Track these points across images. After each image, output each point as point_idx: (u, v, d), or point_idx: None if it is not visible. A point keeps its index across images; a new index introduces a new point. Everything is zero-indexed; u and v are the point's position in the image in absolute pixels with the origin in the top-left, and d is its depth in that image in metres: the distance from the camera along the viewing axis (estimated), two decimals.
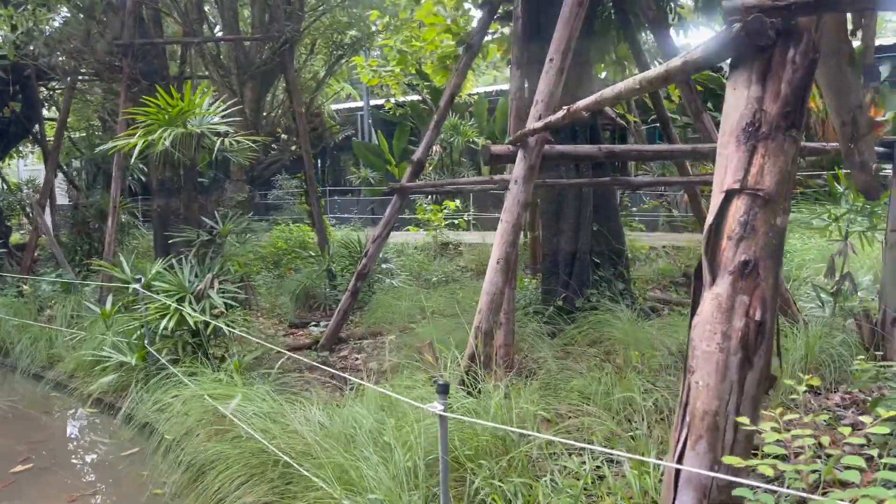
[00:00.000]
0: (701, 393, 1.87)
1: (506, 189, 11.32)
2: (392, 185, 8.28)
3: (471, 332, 4.38)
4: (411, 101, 22.74)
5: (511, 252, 4.34)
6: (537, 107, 4.22)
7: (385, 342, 8.45)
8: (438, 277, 11.83)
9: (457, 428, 3.66)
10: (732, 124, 1.89)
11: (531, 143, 4.27)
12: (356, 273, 8.38)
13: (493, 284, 4.28)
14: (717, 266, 1.90)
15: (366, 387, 5.22)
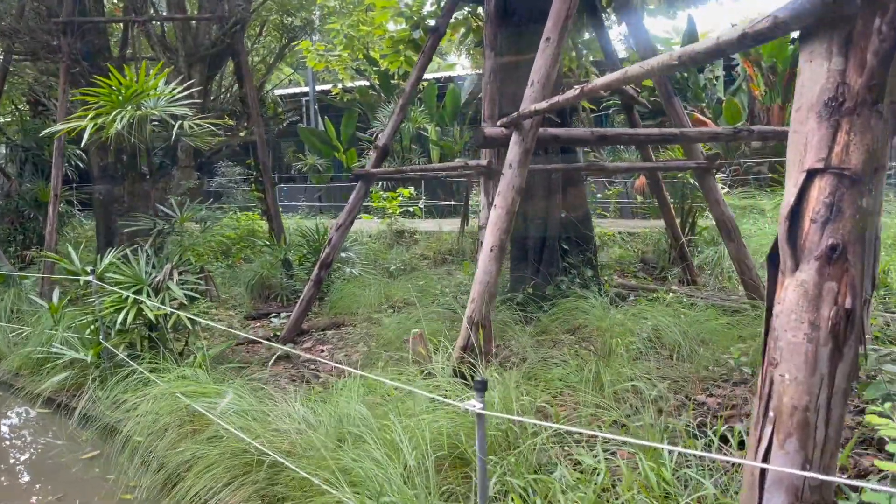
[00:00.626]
0: (788, 387, 1.76)
1: (467, 175, 11.16)
2: (357, 171, 8.04)
3: (464, 323, 4.22)
4: (359, 86, 22.35)
5: (505, 239, 4.19)
6: (533, 87, 4.08)
7: (349, 333, 8.24)
8: (397, 266, 11.63)
9: (463, 422, 3.51)
10: (811, 99, 1.78)
11: (526, 126, 4.13)
12: (319, 262, 8.12)
13: (486, 273, 4.13)
14: (801, 251, 1.79)
15: (347, 379, 5.03)
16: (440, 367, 4.33)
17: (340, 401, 4.43)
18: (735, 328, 6.15)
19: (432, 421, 3.59)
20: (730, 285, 9.47)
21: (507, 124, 4.22)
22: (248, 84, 10.72)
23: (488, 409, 3.56)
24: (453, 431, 3.47)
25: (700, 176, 6.69)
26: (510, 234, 4.22)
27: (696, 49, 2.18)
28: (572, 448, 3.69)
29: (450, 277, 10.48)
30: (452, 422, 3.53)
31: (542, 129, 4.15)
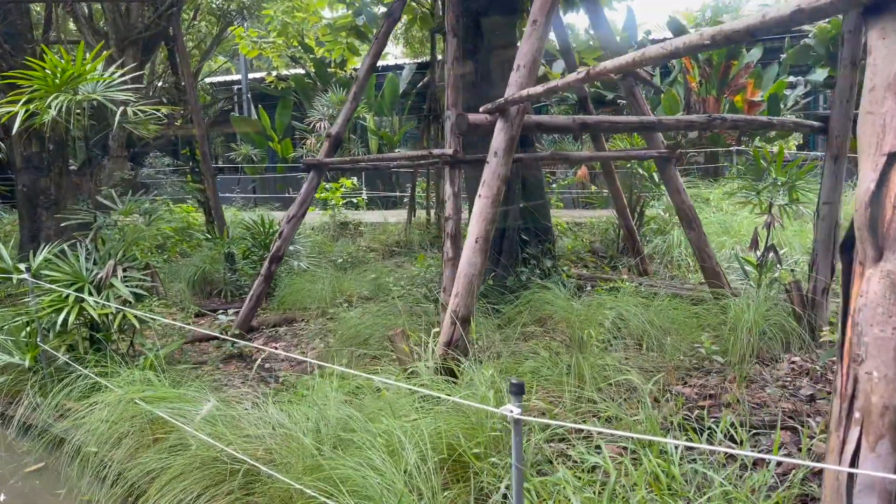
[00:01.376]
0: (877, 385, 1.67)
1: (421, 166, 10.94)
2: (309, 161, 7.73)
3: (445, 318, 4.04)
4: (295, 74, 21.77)
5: (490, 230, 4.04)
6: (520, 72, 3.92)
7: (303, 329, 7.95)
8: (344, 259, 11.34)
9: (460, 423, 3.34)
10: (887, 78, 1.69)
11: (513, 112, 3.97)
12: (269, 256, 7.79)
13: (471, 265, 3.96)
14: (884, 239, 1.69)
15: (310, 377, 4.78)
16: (422, 364, 4.14)
17: (316, 402, 4.20)
18: (699, 317, 6.17)
19: (429, 423, 3.40)
20: (679, 274, 9.60)
21: (492, 110, 4.06)
22: (186, 69, 10.20)
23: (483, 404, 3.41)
24: (448, 432, 3.30)
25: (661, 165, 6.69)
26: (495, 225, 4.06)
27: (735, 27, 2.06)
28: (571, 446, 3.57)
29: (400, 270, 10.28)
30: (446, 423, 3.36)
31: (527, 115, 4.01)
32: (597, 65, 2.95)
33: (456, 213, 6.06)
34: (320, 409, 4.01)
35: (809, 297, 5.93)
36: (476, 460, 3.16)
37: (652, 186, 10.58)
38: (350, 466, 3.07)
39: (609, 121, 4.68)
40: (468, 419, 3.47)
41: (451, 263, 6.00)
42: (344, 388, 4.50)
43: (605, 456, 3.12)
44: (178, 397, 4.45)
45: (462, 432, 3.24)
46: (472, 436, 3.24)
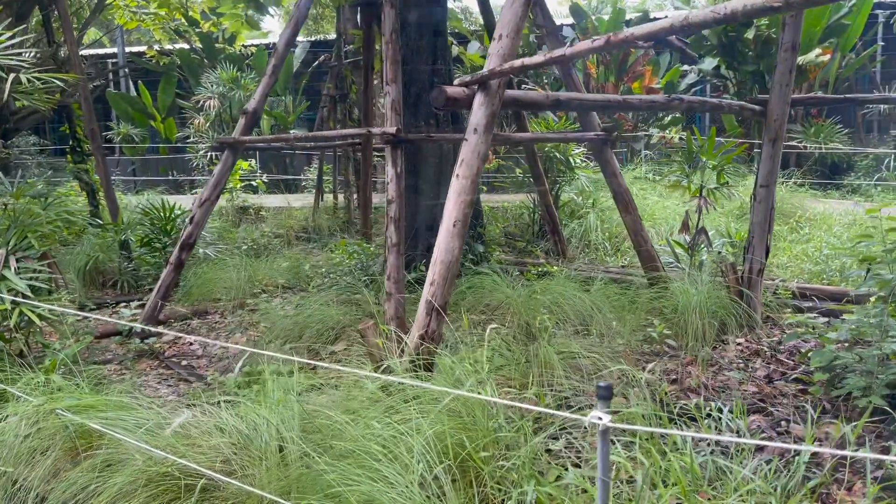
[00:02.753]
0: None
1: (351, 145, 10.43)
2: (223, 139, 7.14)
3: (420, 308, 3.72)
4: (180, 49, 20.43)
5: (469, 213, 3.74)
6: (501, 42, 3.62)
7: (219, 323, 7.35)
8: (249, 246, 10.68)
9: (456, 423, 3.04)
10: None
11: (493, 86, 3.68)
12: (180, 242, 7.14)
13: (448, 252, 3.66)
14: None
15: (233, 376, 4.33)
16: (397, 359, 3.80)
17: (276, 402, 3.77)
18: (641, 301, 6.15)
19: (421, 423, 3.09)
20: (597, 257, 9.67)
21: (470, 83, 3.75)
22: (69, 36, 9.19)
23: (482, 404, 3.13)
24: (452, 434, 3.00)
25: (597, 148, 6.62)
26: (473, 207, 3.78)
27: None
28: (572, 444, 3.36)
29: (313, 257, 9.78)
30: (443, 423, 3.06)
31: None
32: (620, 31, 2.72)
33: (399, 196, 5.72)
34: (283, 411, 3.60)
35: (746, 278, 6.04)
36: (483, 464, 2.88)
37: (566, 171, 10.60)
38: (351, 478, 2.70)
39: (578, 98, 4.50)
40: (462, 419, 3.19)
41: (395, 249, 5.67)
42: (299, 387, 4.10)
43: (634, 455, 2.93)
44: (107, 405, 3.89)
45: (465, 434, 2.95)
46: (472, 437, 2.96)
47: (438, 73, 7.09)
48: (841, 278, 7.23)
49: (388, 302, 5.53)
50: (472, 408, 3.24)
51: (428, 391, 3.51)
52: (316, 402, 3.73)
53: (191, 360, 6.45)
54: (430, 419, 2.95)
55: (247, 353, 6.21)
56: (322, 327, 6.09)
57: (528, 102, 3.87)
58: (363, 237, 9.70)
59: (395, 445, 2.90)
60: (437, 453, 2.78)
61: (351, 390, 3.87)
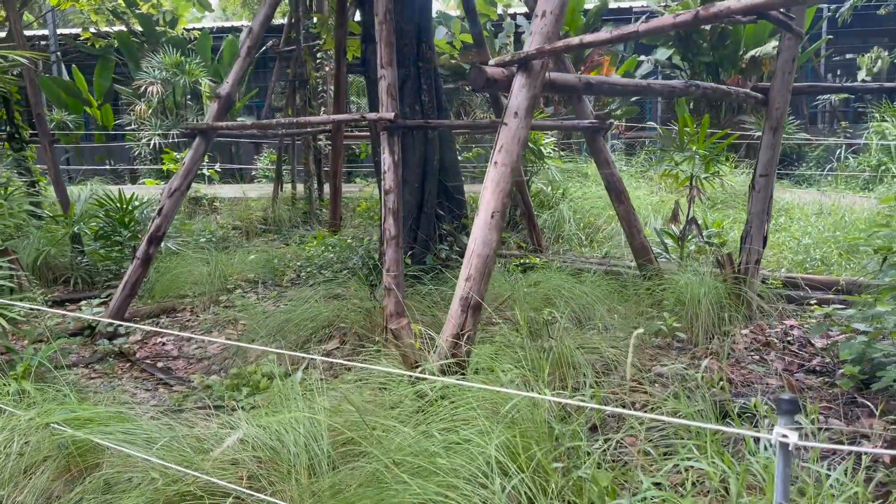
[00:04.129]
0: None
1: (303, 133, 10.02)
2: (195, 125, 6.67)
3: (454, 305, 3.46)
4: (118, 31, 19.42)
5: (507, 203, 3.50)
6: (544, 19, 3.37)
7: (190, 321, 6.90)
8: (207, 239, 10.16)
9: (517, 432, 2.80)
10: None
11: (536, 67, 3.42)
12: (148, 236, 6.65)
13: (486, 244, 3.40)
14: None
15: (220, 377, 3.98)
16: (431, 361, 3.53)
17: (290, 409, 3.45)
18: (642, 292, 6.03)
19: (478, 431, 2.84)
20: (571, 248, 9.56)
21: (509, 63, 3.49)
22: (13, 13, 8.50)
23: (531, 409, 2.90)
24: (510, 441, 2.77)
25: (590, 136, 6.46)
26: (511, 197, 3.53)
27: None
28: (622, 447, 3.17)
29: (280, 250, 9.34)
30: (502, 431, 2.82)
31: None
32: (712, 4, 2.52)
33: (397, 185, 5.42)
34: (307, 418, 3.30)
35: (743, 268, 5.98)
36: (553, 475, 2.66)
37: (536, 160, 10.44)
38: (420, 494, 2.43)
39: (608, 82, 4.30)
40: (518, 425, 2.95)
41: (394, 242, 5.37)
42: (307, 390, 3.78)
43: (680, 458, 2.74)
44: (111, 417, 3.51)
45: (535, 441, 2.72)
46: (542, 441, 2.73)
47: (424, 58, 6.80)
48: (823, 266, 7.28)
49: (388, 297, 5.23)
50: (525, 411, 3.02)
51: (465, 394, 3.26)
52: (343, 409, 3.43)
53: (166, 361, 6.02)
54: (481, 426, 2.70)
55: (230, 352, 5.86)
56: (313, 325, 5.75)
57: (563, 86, 3.65)
58: (332, 229, 9.32)
59: (456, 456, 2.65)
60: (508, 463, 2.55)
61: (379, 394, 3.59)
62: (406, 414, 3.16)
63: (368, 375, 3.94)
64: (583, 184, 11.34)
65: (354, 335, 5.65)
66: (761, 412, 3.20)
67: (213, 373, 5.63)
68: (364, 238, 7.74)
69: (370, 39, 6.97)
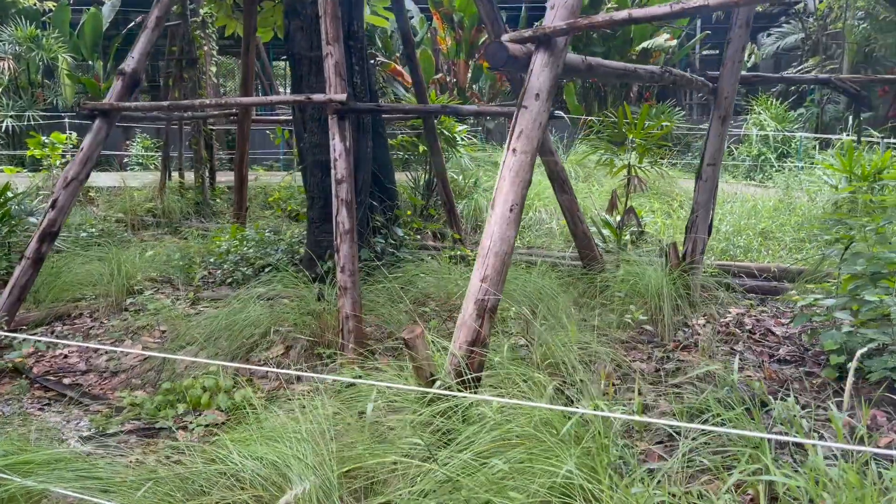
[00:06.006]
0: None
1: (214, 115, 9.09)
2: (95, 105, 5.82)
3: (467, 309, 3.09)
4: None
5: (526, 194, 3.15)
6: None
7: (95, 329, 6.06)
8: (89, 233, 9.11)
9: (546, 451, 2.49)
10: None
11: (559, 44, 3.08)
12: (40, 232, 5.76)
13: (504, 241, 3.04)
14: None
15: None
16: (443, 373, 3.12)
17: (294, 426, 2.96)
18: (597, 284, 5.88)
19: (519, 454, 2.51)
20: None
21: (528, 40, 3.12)
22: None
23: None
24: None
25: None
26: (528, 188, 3.16)
27: None
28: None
29: (177, 245, 8.48)
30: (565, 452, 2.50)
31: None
32: None
33: (349, 174, 4.97)
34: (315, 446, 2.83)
35: (689, 258, 5.98)
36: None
37: (448, 148, 10.15)
38: None
39: (604, 65, 4.04)
40: (544, 442, 2.64)
41: (349, 237, 4.92)
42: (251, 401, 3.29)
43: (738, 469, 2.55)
44: (50, 457, 2.86)
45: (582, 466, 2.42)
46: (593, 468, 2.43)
47: (355, 36, 6.30)
48: (746, 253, 7.48)
49: (344, 297, 4.77)
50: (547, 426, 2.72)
51: (483, 409, 2.91)
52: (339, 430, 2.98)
53: (73, 376, 5.22)
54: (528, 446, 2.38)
55: (150, 363, 5.14)
56: (249, 330, 5.15)
57: (567, 66, 3.35)
58: (238, 221, 8.57)
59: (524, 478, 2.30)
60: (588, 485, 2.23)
61: (379, 412, 3.15)
62: (427, 434, 2.77)
63: (354, 391, 3.50)
64: (494, 173, 11.16)
65: (298, 340, 5.12)
66: (795, 412, 3.07)
67: (135, 388, 4.93)
68: (288, 231, 7.13)
69: (294, 14, 6.40)
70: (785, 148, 14.04)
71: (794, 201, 9.35)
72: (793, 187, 10.18)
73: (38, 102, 16.57)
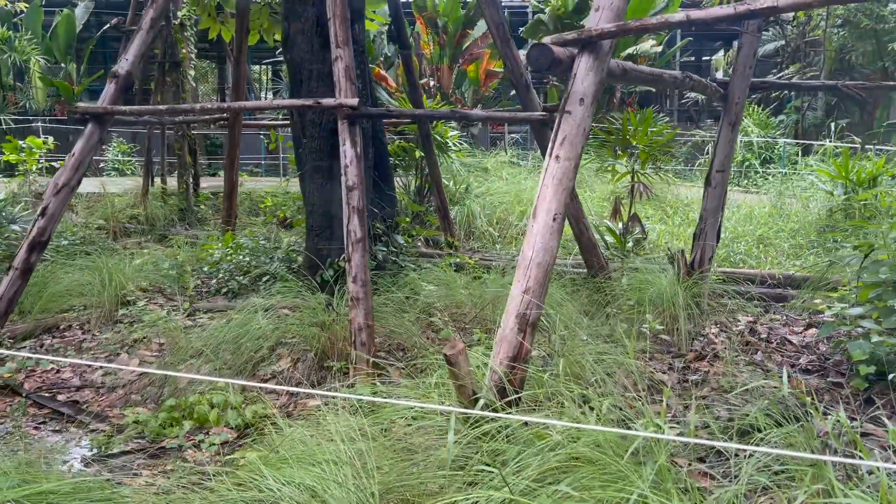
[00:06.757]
0: None
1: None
2: (87, 109, 5.59)
3: (507, 323, 2.95)
4: None
5: (569, 202, 3.03)
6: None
7: (88, 342, 5.80)
8: (70, 241, 8.80)
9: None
10: None
11: (604, 48, 2.96)
12: (29, 241, 5.50)
13: (546, 251, 2.91)
14: None
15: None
16: (486, 390, 2.98)
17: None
18: (607, 292, 5.78)
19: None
20: (482, 245, 9.23)
21: (570, 43, 2.99)
22: None
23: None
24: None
25: (537, 129, 6.15)
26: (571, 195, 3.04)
27: None
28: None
29: (168, 252, 8.22)
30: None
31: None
32: None
33: (361, 181, 4.83)
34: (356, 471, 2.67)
35: (697, 265, 5.91)
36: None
37: (439, 153, 10.01)
38: None
39: (637, 70, 3.94)
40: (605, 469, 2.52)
41: (360, 245, 4.78)
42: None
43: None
44: (76, 488, 2.67)
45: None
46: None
47: (356, 40, 6.14)
48: (747, 260, 7.45)
49: (356, 307, 4.62)
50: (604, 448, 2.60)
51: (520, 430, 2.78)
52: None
53: (68, 393, 4.98)
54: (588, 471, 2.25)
55: (149, 378, 4.92)
56: (254, 343, 4.96)
57: (609, 72, 3.24)
58: (227, 228, 8.35)
59: None
60: None
61: (411, 435, 3.00)
62: (476, 456, 2.62)
63: (374, 406, 3.34)
64: (484, 179, 11.06)
65: (306, 353, 4.94)
66: (847, 427, 2.99)
67: (134, 404, 4.71)
68: (286, 238, 6.94)
69: (295, 17, 6.22)
70: (768, 154, 14.16)
71: (786, 207, 9.39)
72: (785, 194, 10.23)
73: (9, 106, 16.10)
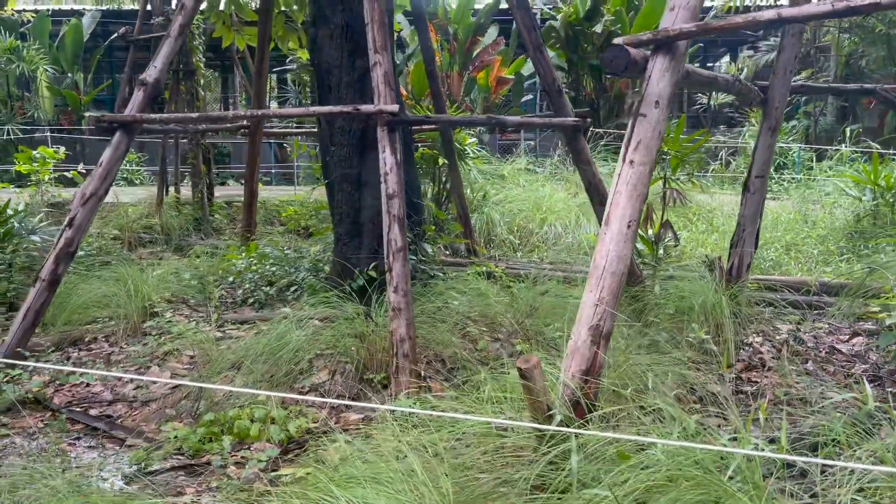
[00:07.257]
0: None
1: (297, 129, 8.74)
2: (114, 118, 5.50)
3: (579, 334, 2.85)
4: None
5: (643, 209, 2.93)
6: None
7: (116, 354, 5.68)
8: (87, 252, 8.68)
9: None
10: None
11: (680, 48, 2.87)
12: (56, 252, 5.40)
13: (620, 260, 2.81)
14: None
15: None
16: (559, 406, 2.87)
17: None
18: (651, 301, 5.67)
19: None
20: (503, 253, 9.13)
21: (644, 43, 2.90)
22: None
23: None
24: None
25: (569, 135, 6.05)
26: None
27: None
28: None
29: (186, 262, 8.10)
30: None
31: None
32: None
33: (401, 189, 4.73)
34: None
35: (735, 273, 5.81)
36: None
37: (458, 160, 9.92)
38: None
39: (697, 73, 3.85)
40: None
41: (401, 255, 4.67)
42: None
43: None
44: None
45: None
46: None
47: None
48: (777, 266, 7.36)
49: (398, 318, 4.51)
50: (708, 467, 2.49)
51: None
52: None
53: (100, 407, 4.86)
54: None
55: (183, 391, 4.80)
56: (289, 355, 4.84)
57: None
58: (247, 238, 8.24)
59: None
60: None
61: (491, 453, 2.88)
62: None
63: (416, 420, 3.22)
64: (502, 186, 10.96)
65: (345, 364, 4.83)
66: None
67: (168, 418, 4.60)
68: (312, 247, 6.83)
69: (323, 22, 6.13)
70: (782, 159, 14.09)
71: (810, 213, 9.30)
72: (809, 199, 10.14)
73: (17, 116, 16.00)
